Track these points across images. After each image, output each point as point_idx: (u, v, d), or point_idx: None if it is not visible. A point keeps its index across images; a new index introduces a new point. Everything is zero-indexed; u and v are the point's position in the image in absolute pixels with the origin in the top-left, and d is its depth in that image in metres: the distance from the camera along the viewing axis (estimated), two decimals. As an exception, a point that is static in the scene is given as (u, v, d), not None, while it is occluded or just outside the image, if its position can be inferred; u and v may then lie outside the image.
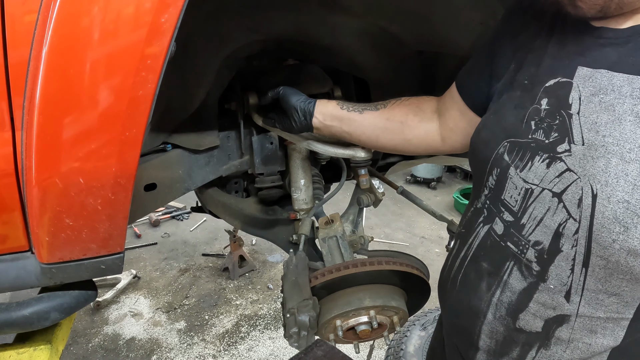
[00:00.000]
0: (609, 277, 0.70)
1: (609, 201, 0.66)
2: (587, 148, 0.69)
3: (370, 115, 1.11)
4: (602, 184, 0.66)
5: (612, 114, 0.66)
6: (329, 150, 1.26)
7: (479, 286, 0.87)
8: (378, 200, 1.49)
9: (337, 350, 1.20)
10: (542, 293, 0.77)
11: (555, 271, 0.75)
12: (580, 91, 0.71)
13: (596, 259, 0.69)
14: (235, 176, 1.72)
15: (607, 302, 0.72)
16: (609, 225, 0.66)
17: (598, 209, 0.67)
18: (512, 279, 0.81)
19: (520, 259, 0.79)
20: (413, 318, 2.50)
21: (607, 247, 0.67)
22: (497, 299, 0.84)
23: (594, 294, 0.73)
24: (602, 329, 0.75)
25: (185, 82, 1.26)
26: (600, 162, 0.67)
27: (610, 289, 0.71)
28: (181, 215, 4.82)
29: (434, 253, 4.17)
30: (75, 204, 0.86)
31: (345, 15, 1.34)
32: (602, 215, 0.66)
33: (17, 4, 0.81)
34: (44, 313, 1.03)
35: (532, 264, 0.77)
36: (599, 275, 0.71)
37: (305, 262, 1.26)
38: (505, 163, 0.80)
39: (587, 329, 0.76)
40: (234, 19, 1.27)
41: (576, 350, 0.78)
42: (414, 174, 5.87)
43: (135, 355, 2.88)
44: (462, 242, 0.94)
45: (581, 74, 0.71)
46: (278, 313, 3.29)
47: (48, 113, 0.78)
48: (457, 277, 0.95)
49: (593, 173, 0.67)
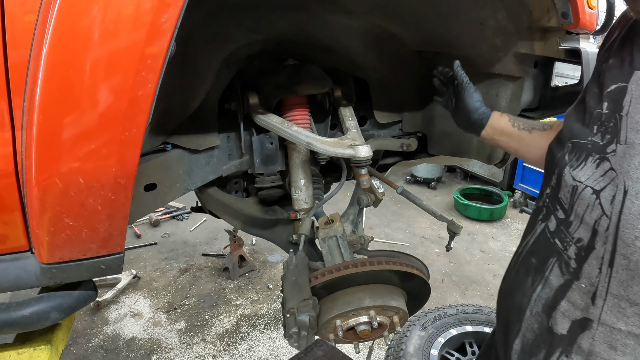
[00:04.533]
0: (630, 280, 0.70)
1: (636, 197, 0.66)
2: (628, 147, 0.70)
3: (538, 136, 1.12)
4: (634, 181, 0.67)
5: None
6: (329, 150, 1.26)
7: (526, 282, 0.89)
8: (378, 200, 1.49)
9: (337, 350, 1.20)
10: (574, 292, 0.78)
11: (588, 269, 0.75)
12: (632, 94, 0.72)
13: (620, 258, 0.70)
14: (235, 176, 1.72)
15: (629, 313, 0.72)
16: (633, 222, 0.67)
17: (626, 205, 0.68)
18: (552, 275, 0.82)
19: (562, 256, 0.81)
20: (413, 318, 2.49)
21: (630, 244, 0.68)
22: (537, 295, 0.85)
23: (616, 300, 0.73)
24: (622, 346, 0.74)
25: (185, 82, 1.26)
26: (635, 159, 0.68)
27: (632, 297, 0.71)
28: (181, 215, 4.82)
29: (434, 253, 4.17)
30: (75, 204, 0.86)
31: (345, 16, 1.34)
32: (629, 211, 0.67)
33: (17, 4, 0.81)
34: (44, 313, 1.03)
35: (571, 260, 0.79)
36: (621, 277, 0.71)
37: (305, 262, 1.26)
38: (564, 162, 0.83)
39: (607, 343, 0.75)
40: (234, 19, 1.27)
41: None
42: (414, 174, 5.86)
43: (135, 355, 2.88)
44: (522, 241, 0.97)
45: (636, 77, 0.73)
46: (278, 313, 3.29)
47: (48, 113, 0.78)
48: (511, 274, 0.97)
49: (627, 170, 0.68)
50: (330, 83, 1.57)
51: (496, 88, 1.48)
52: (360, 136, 1.39)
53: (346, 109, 1.58)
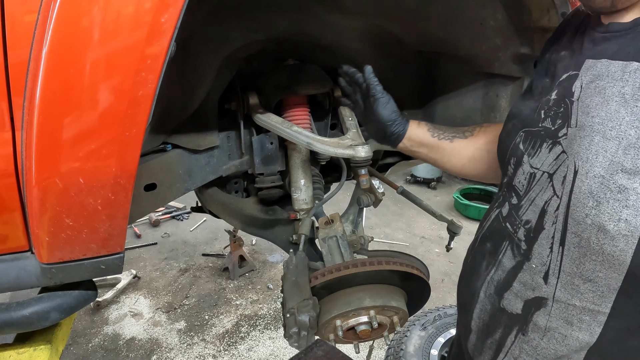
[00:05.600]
0: (582, 257, 0.71)
1: (586, 176, 0.68)
2: (578, 129, 0.72)
3: (459, 145, 1.10)
4: (583, 161, 0.69)
5: (603, 97, 0.70)
6: (329, 150, 1.26)
7: (480, 265, 0.92)
8: (378, 200, 1.49)
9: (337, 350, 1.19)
10: (525, 272, 0.80)
11: (538, 250, 0.78)
12: (582, 80, 0.75)
13: (571, 237, 0.72)
14: (235, 176, 1.72)
15: (583, 289, 0.73)
16: (584, 200, 0.68)
17: (577, 184, 0.70)
18: (505, 258, 0.85)
19: (513, 239, 0.83)
20: (413, 318, 2.50)
21: (581, 222, 0.69)
22: (490, 277, 0.88)
23: (569, 278, 0.74)
24: (578, 321, 0.75)
25: (186, 82, 1.26)
26: (585, 140, 0.70)
27: (584, 273, 0.72)
28: (181, 215, 4.82)
29: (434, 253, 4.17)
30: (75, 204, 0.86)
31: (345, 16, 1.35)
32: (579, 190, 0.69)
33: (17, 4, 0.81)
34: (44, 313, 1.03)
35: (522, 242, 0.81)
36: (573, 255, 0.73)
37: (305, 262, 1.26)
38: (520, 152, 0.85)
39: (563, 318, 0.77)
40: (234, 19, 1.27)
41: (552, 340, 0.79)
42: (414, 174, 5.87)
43: (135, 355, 2.88)
44: (479, 228, 0.98)
45: (586, 65, 0.75)
46: (278, 313, 3.29)
47: (48, 113, 0.78)
48: (467, 260, 0.99)
49: (578, 151, 0.71)
50: (330, 83, 1.57)
51: (496, 88, 1.48)
52: (361, 136, 1.39)
53: (346, 109, 1.58)
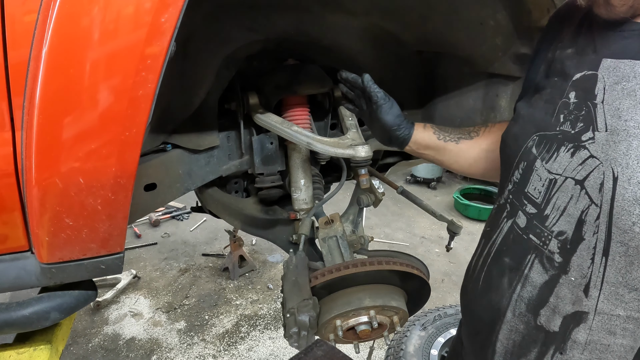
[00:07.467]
0: (629, 266, 0.69)
1: (629, 183, 0.66)
2: (610, 134, 0.70)
3: (465, 145, 1.10)
4: (623, 167, 0.67)
5: (634, 99, 0.68)
6: (328, 150, 1.26)
7: (501, 283, 0.87)
8: (378, 200, 1.49)
9: (337, 350, 1.20)
10: (563, 287, 0.76)
11: (577, 262, 0.74)
12: (605, 81, 0.73)
13: (616, 246, 0.69)
14: (235, 176, 1.72)
15: (628, 298, 0.71)
16: (629, 208, 0.66)
17: (618, 191, 0.67)
18: (533, 273, 0.80)
19: (542, 251, 0.79)
20: (413, 318, 2.50)
21: (627, 230, 0.67)
22: (518, 295, 0.83)
23: (613, 288, 0.72)
24: (621, 330, 0.73)
25: (186, 82, 1.26)
26: (622, 145, 0.67)
27: (630, 282, 0.70)
28: (181, 215, 4.82)
29: (434, 253, 4.17)
30: (75, 204, 0.86)
31: (345, 15, 1.34)
32: (622, 197, 0.67)
33: (17, 4, 0.81)
34: (44, 313, 1.03)
35: (555, 255, 0.77)
36: (619, 264, 0.70)
37: (305, 262, 1.26)
38: (533, 156, 0.81)
39: (606, 330, 0.74)
40: (234, 19, 1.27)
41: (594, 351, 0.76)
42: (414, 174, 5.87)
43: (135, 355, 2.88)
44: (487, 240, 0.94)
45: (605, 65, 0.73)
46: (278, 313, 3.29)
47: (48, 113, 0.78)
48: (479, 276, 0.94)
49: (614, 157, 0.68)
50: (330, 83, 1.57)
51: (496, 88, 1.48)
52: (360, 136, 1.39)
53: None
